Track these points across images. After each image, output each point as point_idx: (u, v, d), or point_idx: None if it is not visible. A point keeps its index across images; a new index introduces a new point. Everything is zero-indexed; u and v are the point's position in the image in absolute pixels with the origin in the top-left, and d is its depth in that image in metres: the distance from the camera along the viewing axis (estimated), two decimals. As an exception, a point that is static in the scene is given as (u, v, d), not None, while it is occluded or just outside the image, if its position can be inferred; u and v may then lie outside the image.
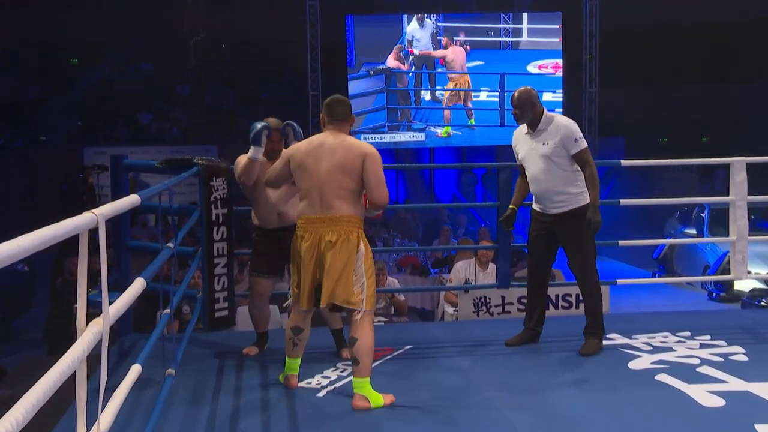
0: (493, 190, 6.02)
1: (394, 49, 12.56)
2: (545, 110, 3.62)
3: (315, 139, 3.04)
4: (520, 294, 4.72)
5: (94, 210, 1.59)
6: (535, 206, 3.76)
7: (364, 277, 2.89)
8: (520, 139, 3.74)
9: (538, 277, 3.81)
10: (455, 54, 12.57)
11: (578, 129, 3.58)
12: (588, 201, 3.57)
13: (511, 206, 3.86)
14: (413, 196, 13.94)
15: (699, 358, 3.49)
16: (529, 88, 3.66)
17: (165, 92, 15.04)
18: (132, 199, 2.19)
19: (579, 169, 3.57)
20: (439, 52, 12.56)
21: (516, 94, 3.62)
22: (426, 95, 12.68)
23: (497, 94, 12.60)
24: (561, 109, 12.65)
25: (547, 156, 3.56)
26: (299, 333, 3.14)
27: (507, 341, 3.78)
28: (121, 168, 4.01)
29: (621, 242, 4.80)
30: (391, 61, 12.56)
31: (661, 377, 3.22)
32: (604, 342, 3.79)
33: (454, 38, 12.62)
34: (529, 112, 3.60)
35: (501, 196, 4.44)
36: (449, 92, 12.64)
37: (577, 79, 13.07)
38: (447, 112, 12.71)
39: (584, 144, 3.55)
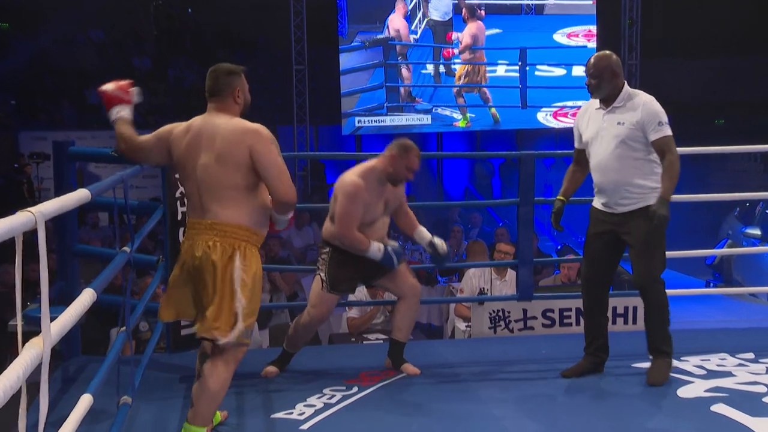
0: (513, 184, 6.00)
1: (398, 5, 12.43)
2: (626, 84, 3.54)
3: (194, 122, 2.89)
4: (545, 307, 4.72)
5: (31, 208, 1.58)
6: (596, 203, 3.67)
7: (242, 299, 2.71)
8: (589, 115, 3.65)
9: (594, 290, 3.70)
10: (479, 29, 12.53)
11: (664, 112, 3.48)
12: None
13: (559, 197, 3.78)
14: (418, 191, 13.93)
15: (765, 385, 3.48)
16: (609, 53, 3.58)
17: (120, 66, 14.98)
18: (80, 195, 2.19)
19: (656, 159, 3.47)
20: (469, 38, 12.49)
21: (592, 60, 3.54)
22: (430, 69, 12.65)
23: (517, 68, 12.59)
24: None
25: (622, 139, 3.47)
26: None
27: (563, 372, 3.70)
28: (65, 157, 3.99)
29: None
30: (396, 21, 12.46)
31: (719, 408, 3.21)
32: (645, 364, 3.79)
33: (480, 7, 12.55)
34: (607, 83, 3.51)
35: (522, 190, 4.43)
36: (465, 69, 12.57)
37: (614, 49, 12.90)
38: (459, 98, 12.64)
39: (669, 131, 3.44)
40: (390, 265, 3.65)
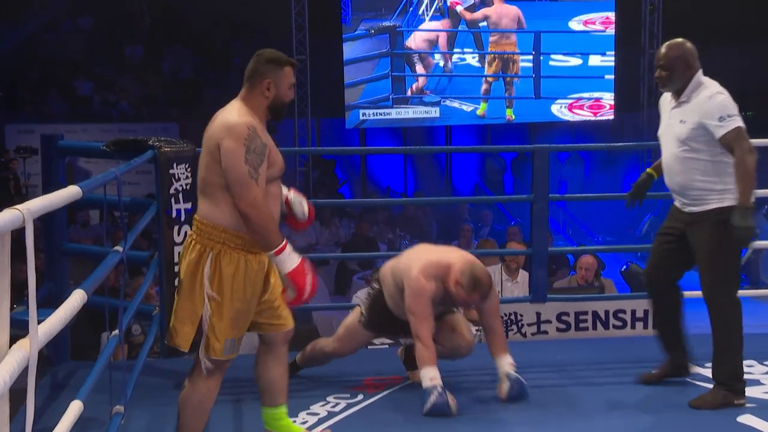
0: (526, 180, 5.99)
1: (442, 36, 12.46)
2: (699, 73, 3.35)
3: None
4: (560, 310, 4.71)
5: (19, 206, 1.58)
6: (675, 201, 3.54)
7: (209, 310, 2.66)
8: (664, 107, 3.51)
9: (656, 287, 3.59)
10: (500, 14, 12.48)
11: (730, 103, 3.30)
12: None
13: (648, 170, 3.67)
14: (425, 188, 13.93)
15: (795, 394, 3.47)
16: (682, 40, 3.38)
17: (110, 55, 15.01)
18: (70, 192, 2.18)
19: (730, 157, 3.27)
20: (480, 13, 12.48)
21: (663, 49, 3.37)
22: (438, 59, 12.64)
23: (531, 57, 12.56)
24: (612, 76, 12.60)
25: (682, 140, 3.33)
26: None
27: (643, 377, 3.66)
28: (54, 151, 4.00)
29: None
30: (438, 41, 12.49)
31: (745, 419, 3.21)
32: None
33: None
34: (679, 76, 3.33)
35: (536, 187, 4.42)
36: (493, 59, 12.52)
37: (634, 37, 13.02)
38: (485, 85, 12.60)
39: (735, 123, 3.24)
40: (423, 403, 3.31)
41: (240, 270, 2.68)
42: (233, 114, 2.68)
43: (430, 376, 3.32)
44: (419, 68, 12.54)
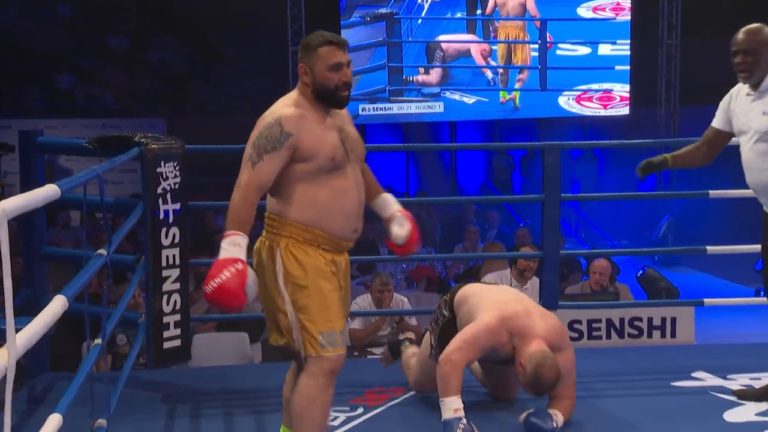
0: (536, 179, 5.98)
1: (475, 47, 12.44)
2: None
3: None
4: (572, 317, 4.69)
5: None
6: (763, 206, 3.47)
7: (291, 307, 2.69)
8: (738, 103, 3.40)
9: None
10: None
11: None
12: None
13: (667, 155, 3.62)
14: (429, 187, 13.93)
15: (824, 408, 3.46)
16: (761, 25, 3.26)
17: (93, 46, 15.03)
18: (48, 191, 2.17)
19: None
20: (491, 1, 12.48)
21: (743, 35, 3.25)
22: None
23: (537, 47, 12.56)
24: (625, 67, 12.56)
25: (764, 132, 3.24)
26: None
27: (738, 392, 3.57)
28: (33, 148, 4.00)
29: (710, 248, 4.78)
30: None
31: (769, 432, 3.20)
32: (686, 383, 3.76)
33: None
34: (765, 65, 3.22)
35: (547, 186, 4.41)
36: (504, 47, 12.55)
37: (650, 25, 12.99)
38: (502, 71, 12.59)
39: None
40: None
41: (310, 259, 2.70)
42: (275, 105, 2.79)
43: (454, 407, 3.19)
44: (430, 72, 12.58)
